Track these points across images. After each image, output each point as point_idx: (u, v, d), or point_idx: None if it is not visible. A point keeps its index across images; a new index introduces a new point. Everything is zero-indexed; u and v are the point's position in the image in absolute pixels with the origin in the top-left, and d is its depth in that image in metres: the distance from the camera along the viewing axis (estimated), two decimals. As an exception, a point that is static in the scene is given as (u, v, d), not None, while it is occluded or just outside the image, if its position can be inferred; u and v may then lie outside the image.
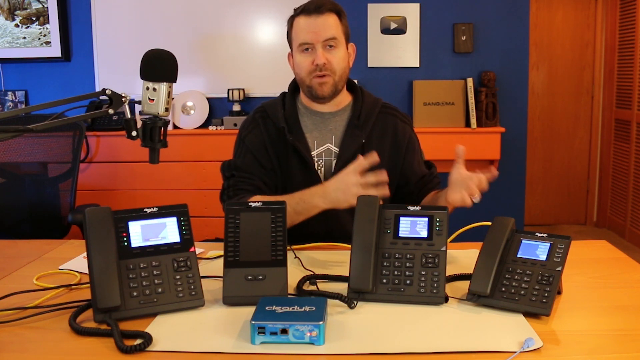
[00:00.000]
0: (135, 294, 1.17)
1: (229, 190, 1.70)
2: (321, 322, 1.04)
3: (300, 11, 1.68)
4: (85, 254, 1.26)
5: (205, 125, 3.66)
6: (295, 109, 1.76)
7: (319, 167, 1.73)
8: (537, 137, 4.77)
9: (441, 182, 1.84)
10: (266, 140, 1.73)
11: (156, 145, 1.29)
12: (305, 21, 1.66)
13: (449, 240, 1.31)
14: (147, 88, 1.27)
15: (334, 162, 1.72)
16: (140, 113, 1.32)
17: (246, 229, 1.26)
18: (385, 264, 1.26)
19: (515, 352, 1.01)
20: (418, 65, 3.71)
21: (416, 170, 1.78)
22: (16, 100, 3.78)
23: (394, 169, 1.76)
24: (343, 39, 1.69)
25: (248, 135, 1.75)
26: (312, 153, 1.73)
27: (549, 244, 1.24)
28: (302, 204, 1.57)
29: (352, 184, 1.49)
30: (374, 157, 1.51)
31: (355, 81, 1.83)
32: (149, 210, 1.24)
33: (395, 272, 1.25)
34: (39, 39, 3.71)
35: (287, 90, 1.81)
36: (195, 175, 3.49)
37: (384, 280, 1.25)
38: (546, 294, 1.16)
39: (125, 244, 1.20)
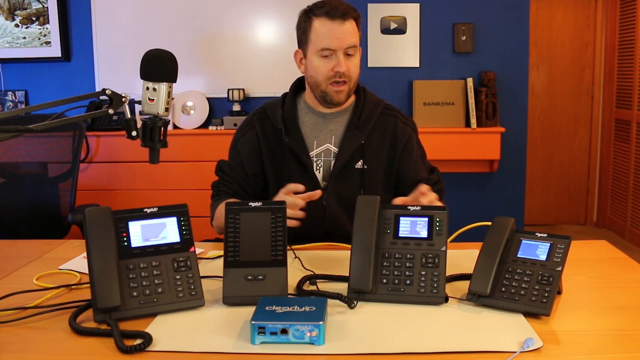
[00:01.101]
0: (135, 294, 1.17)
1: (213, 189, 1.81)
2: (321, 322, 1.04)
3: (323, 13, 1.62)
4: (85, 254, 1.26)
5: (205, 125, 3.66)
6: (294, 109, 1.76)
7: (318, 168, 1.73)
8: (537, 137, 4.77)
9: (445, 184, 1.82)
10: (261, 142, 1.74)
11: (156, 145, 1.29)
12: (329, 25, 1.61)
13: (449, 240, 1.31)
14: (147, 88, 1.27)
15: (332, 163, 1.72)
16: (140, 113, 1.32)
17: (246, 229, 1.26)
18: (385, 264, 1.26)
19: (515, 352, 1.01)
20: (418, 65, 3.71)
21: (411, 173, 1.75)
22: (16, 100, 3.78)
23: (390, 169, 1.76)
24: (358, 45, 1.68)
25: (241, 138, 1.78)
26: (311, 153, 1.73)
27: (549, 244, 1.24)
28: None
29: None
30: (317, 194, 1.49)
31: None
32: (149, 210, 1.24)
33: (395, 272, 1.25)
34: (39, 39, 3.71)
35: (288, 91, 1.80)
36: (195, 175, 3.49)
37: (384, 280, 1.25)
38: (546, 294, 1.16)
39: (125, 244, 1.20)
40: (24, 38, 3.72)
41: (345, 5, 1.64)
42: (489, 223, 1.31)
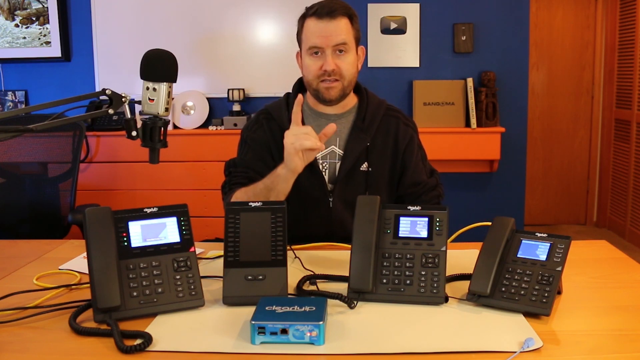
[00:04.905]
0: (135, 294, 1.17)
1: (225, 187, 1.73)
2: (321, 322, 1.04)
3: (312, 13, 1.64)
4: (85, 254, 1.26)
5: (205, 125, 3.66)
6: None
7: (324, 169, 1.72)
8: (537, 137, 4.77)
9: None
10: (270, 140, 1.73)
11: (156, 145, 1.30)
12: (316, 24, 1.62)
13: (449, 240, 1.31)
14: (147, 88, 1.27)
15: (338, 165, 1.71)
16: (140, 113, 1.32)
17: (246, 229, 1.26)
18: (385, 264, 1.26)
19: (515, 352, 1.01)
20: (418, 65, 3.71)
21: (409, 175, 1.75)
22: (16, 100, 3.78)
23: (394, 171, 1.75)
24: (353, 43, 1.67)
25: (251, 135, 1.76)
26: (317, 155, 1.72)
27: (549, 244, 1.24)
28: (270, 177, 1.57)
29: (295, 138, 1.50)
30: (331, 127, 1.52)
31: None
32: (149, 210, 1.24)
33: (395, 272, 1.25)
34: (39, 39, 3.71)
35: (291, 91, 1.79)
36: (195, 175, 3.49)
37: (384, 280, 1.25)
38: (546, 294, 1.16)
39: (125, 244, 1.20)
40: (24, 38, 3.72)
41: (337, 4, 1.64)
42: (489, 223, 1.31)
